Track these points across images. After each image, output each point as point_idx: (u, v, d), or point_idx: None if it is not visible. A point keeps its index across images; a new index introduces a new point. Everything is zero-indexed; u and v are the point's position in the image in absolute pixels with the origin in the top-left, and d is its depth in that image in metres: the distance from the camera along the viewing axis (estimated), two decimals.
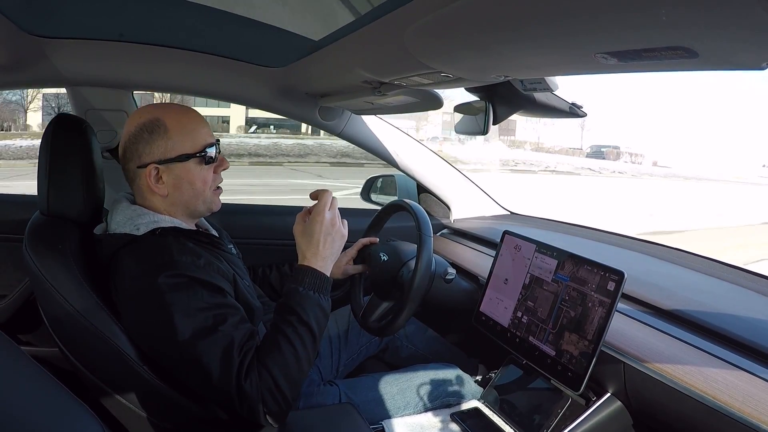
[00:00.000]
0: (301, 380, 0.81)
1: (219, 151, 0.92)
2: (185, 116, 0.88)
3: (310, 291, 0.84)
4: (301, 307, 0.82)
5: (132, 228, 0.84)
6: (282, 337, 0.80)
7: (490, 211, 1.70)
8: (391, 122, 1.55)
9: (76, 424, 0.48)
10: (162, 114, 0.86)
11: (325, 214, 0.89)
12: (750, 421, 0.62)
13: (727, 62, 0.49)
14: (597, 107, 10.85)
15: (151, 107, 0.89)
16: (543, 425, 0.92)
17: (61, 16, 0.98)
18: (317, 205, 0.91)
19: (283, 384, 0.77)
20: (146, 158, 0.86)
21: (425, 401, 1.07)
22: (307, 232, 0.89)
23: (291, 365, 0.78)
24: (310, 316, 0.82)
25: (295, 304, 0.83)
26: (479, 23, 0.55)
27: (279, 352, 0.79)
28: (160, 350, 0.79)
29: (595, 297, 0.86)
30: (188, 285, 0.78)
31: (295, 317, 0.81)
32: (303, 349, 0.80)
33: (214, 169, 0.91)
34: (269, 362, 0.77)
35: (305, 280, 0.85)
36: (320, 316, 0.84)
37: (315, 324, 0.82)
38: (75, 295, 0.81)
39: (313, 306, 0.83)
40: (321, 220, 0.89)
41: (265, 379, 0.76)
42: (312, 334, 0.82)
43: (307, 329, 0.81)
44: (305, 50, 0.95)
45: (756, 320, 0.84)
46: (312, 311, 0.83)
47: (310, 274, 0.86)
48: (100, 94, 1.39)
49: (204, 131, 0.89)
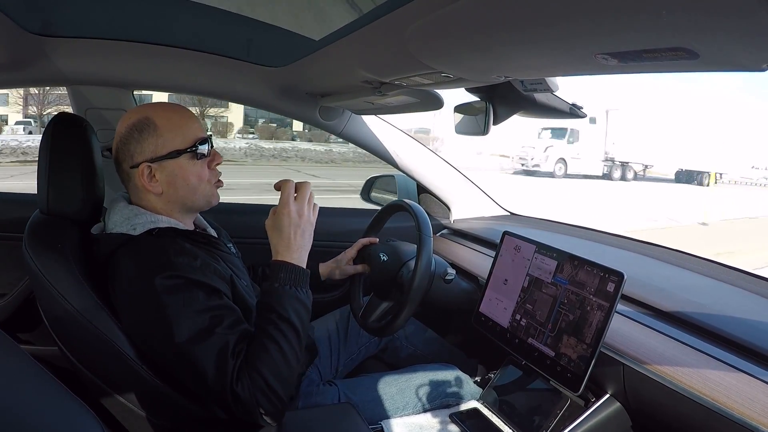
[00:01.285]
0: (292, 377, 0.80)
1: (212, 146, 0.91)
2: (174, 113, 0.88)
3: (286, 286, 0.83)
4: (279, 303, 0.81)
5: (129, 228, 0.84)
6: (266, 337, 0.79)
7: (490, 212, 1.70)
8: (392, 122, 1.55)
9: (76, 423, 0.48)
10: (151, 113, 0.86)
11: (290, 206, 0.88)
12: (749, 422, 0.62)
13: (727, 63, 0.49)
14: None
15: (141, 107, 0.89)
16: (542, 426, 0.92)
17: (62, 15, 0.98)
18: (281, 198, 0.89)
19: (274, 383, 0.76)
20: (138, 158, 0.85)
21: (424, 401, 1.07)
22: (276, 226, 0.88)
23: (279, 363, 0.78)
24: (289, 312, 0.81)
25: (273, 301, 0.82)
26: (480, 23, 0.55)
27: (265, 352, 0.78)
28: (158, 350, 0.79)
29: (594, 301, 0.86)
30: (185, 286, 0.78)
31: (275, 314, 0.80)
32: (288, 346, 0.79)
33: (208, 164, 0.90)
34: (258, 364, 0.77)
35: (280, 275, 0.84)
36: (300, 309, 0.83)
37: (296, 318, 0.81)
38: (74, 294, 0.81)
39: (292, 300, 0.82)
40: (288, 212, 0.87)
41: (256, 380, 0.76)
42: (294, 329, 0.81)
43: (288, 325, 0.80)
44: (306, 50, 0.95)
45: (755, 322, 0.84)
46: (291, 306, 0.82)
47: (284, 268, 0.85)
48: (100, 92, 1.39)
49: (194, 127, 0.89)
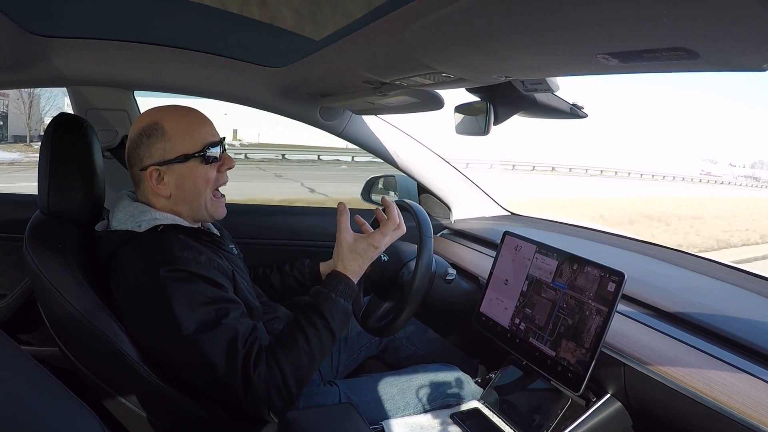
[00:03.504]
0: (307, 380, 0.82)
1: (224, 150, 0.92)
2: (184, 117, 0.88)
3: (341, 298, 0.86)
4: (329, 312, 0.84)
5: (133, 225, 0.84)
6: (301, 336, 0.81)
7: (491, 212, 1.70)
8: (392, 122, 1.55)
9: (76, 423, 0.48)
10: (160, 117, 0.87)
11: (380, 241, 0.93)
12: (749, 422, 0.62)
13: (727, 63, 0.49)
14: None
15: (151, 111, 0.89)
16: (543, 426, 0.92)
17: (62, 16, 0.98)
18: (384, 228, 0.94)
19: (291, 380, 0.78)
20: (147, 161, 0.86)
21: (425, 402, 1.07)
22: (358, 249, 0.91)
23: (303, 364, 0.80)
24: (336, 322, 0.84)
25: (324, 308, 0.84)
26: (480, 23, 0.55)
27: (293, 349, 0.80)
28: (163, 346, 0.79)
29: (593, 305, 0.86)
30: (190, 279, 0.78)
31: (322, 321, 0.83)
32: (319, 353, 0.82)
33: (218, 168, 0.91)
34: (281, 357, 0.78)
35: (338, 287, 0.87)
36: (344, 323, 0.86)
37: (338, 330, 0.85)
38: (75, 295, 0.81)
39: (341, 313, 0.85)
40: (376, 244, 0.92)
41: (274, 373, 0.77)
42: (333, 338, 0.84)
43: (329, 333, 0.83)
44: (306, 50, 0.95)
45: (756, 322, 0.84)
46: (339, 318, 0.85)
47: (344, 282, 0.88)
48: (100, 93, 1.39)
49: (204, 130, 0.89)
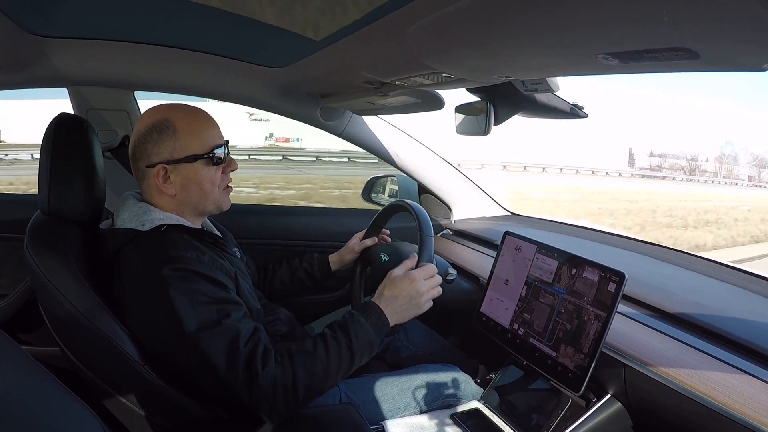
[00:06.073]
0: (317, 393, 0.82)
1: (228, 152, 0.92)
2: (195, 117, 0.89)
3: (372, 328, 0.86)
4: (357, 336, 0.84)
5: (137, 224, 0.84)
6: (322, 347, 0.81)
7: (491, 212, 1.70)
8: (392, 122, 1.55)
9: (77, 423, 0.48)
10: (171, 115, 0.87)
11: (426, 291, 0.93)
12: (750, 422, 0.62)
13: (727, 63, 0.49)
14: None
15: (162, 107, 0.89)
16: (543, 426, 0.92)
17: (62, 16, 0.98)
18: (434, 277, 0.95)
19: (300, 386, 0.78)
20: (155, 158, 0.86)
21: (425, 402, 1.07)
22: (402, 286, 0.91)
23: (317, 374, 0.80)
24: (361, 347, 0.84)
25: (353, 331, 0.84)
26: (480, 23, 0.55)
27: (311, 357, 0.80)
28: (165, 346, 0.79)
29: (591, 311, 0.86)
30: (192, 278, 0.78)
31: (347, 342, 0.83)
32: (336, 368, 0.82)
33: (223, 170, 0.92)
34: (297, 361, 0.78)
35: (372, 317, 0.87)
36: (367, 353, 0.86)
37: (359, 357, 0.85)
38: (76, 295, 0.81)
39: (367, 343, 0.85)
40: (421, 295, 0.92)
41: (287, 373, 0.77)
42: (351, 362, 0.84)
43: (351, 355, 0.83)
44: (307, 50, 0.95)
45: (756, 322, 0.84)
46: (365, 345, 0.85)
47: (379, 315, 0.88)
48: (101, 93, 1.39)
49: (213, 132, 0.90)
